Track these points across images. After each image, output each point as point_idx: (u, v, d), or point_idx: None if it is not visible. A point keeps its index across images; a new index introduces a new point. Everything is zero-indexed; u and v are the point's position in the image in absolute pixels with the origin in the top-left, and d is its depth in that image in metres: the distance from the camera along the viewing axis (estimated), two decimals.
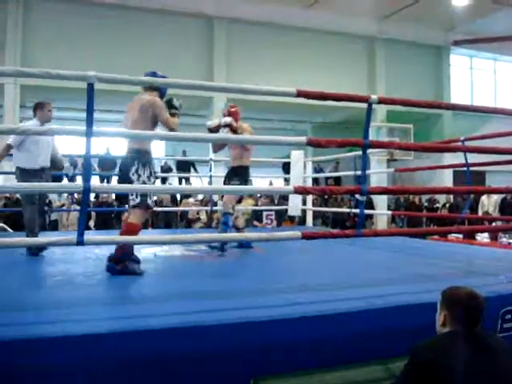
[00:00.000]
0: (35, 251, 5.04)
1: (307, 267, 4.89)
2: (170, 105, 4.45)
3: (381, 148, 6.96)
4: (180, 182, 15.11)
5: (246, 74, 15.36)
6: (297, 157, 8.77)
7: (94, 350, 2.37)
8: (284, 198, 10.90)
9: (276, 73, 15.49)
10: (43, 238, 3.12)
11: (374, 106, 3.78)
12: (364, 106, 3.74)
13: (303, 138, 3.56)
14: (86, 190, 2.87)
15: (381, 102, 3.90)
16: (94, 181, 8.26)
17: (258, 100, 13.47)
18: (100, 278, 3.98)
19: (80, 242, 2.83)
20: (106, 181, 11.52)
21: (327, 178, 16.81)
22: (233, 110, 6.10)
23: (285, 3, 15.68)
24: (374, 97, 3.75)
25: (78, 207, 10.28)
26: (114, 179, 9.55)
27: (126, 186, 3.74)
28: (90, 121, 2.92)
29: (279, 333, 2.72)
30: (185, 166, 14.90)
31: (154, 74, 4.20)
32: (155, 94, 4.41)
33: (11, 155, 5.45)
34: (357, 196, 10.21)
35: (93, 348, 2.37)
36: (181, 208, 11.05)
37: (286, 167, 12.35)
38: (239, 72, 15.68)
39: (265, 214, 10.54)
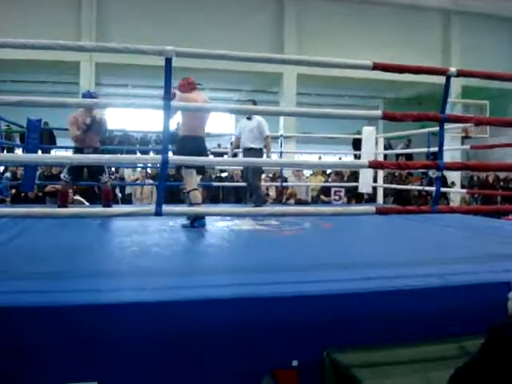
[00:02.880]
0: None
1: (379, 243, 4.84)
2: None
3: (458, 123, 6.70)
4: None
5: (317, 50, 15.14)
6: (369, 133, 8.65)
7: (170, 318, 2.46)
8: (354, 175, 10.77)
9: (347, 48, 15.21)
10: (124, 208, 3.21)
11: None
12: (438, 81, 3.63)
13: (378, 112, 3.51)
14: (164, 163, 2.94)
15: (459, 74, 3.75)
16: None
17: (329, 75, 13.33)
18: (175, 249, 4.10)
19: (158, 213, 2.91)
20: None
21: (398, 156, 16.48)
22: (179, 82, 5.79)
23: None
24: (452, 69, 3.63)
25: (151, 181, 10.57)
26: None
27: (202, 159, 3.81)
28: (167, 95, 2.98)
29: (353, 306, 2.72)
30: None
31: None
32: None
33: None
34: (430, 173, 10.03)
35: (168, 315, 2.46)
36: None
37: (356, 144, 12.20)
38: (310, 48, 15.48)
39: (333, 189, 10.44)
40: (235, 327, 2.54)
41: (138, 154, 11.34)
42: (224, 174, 11.96)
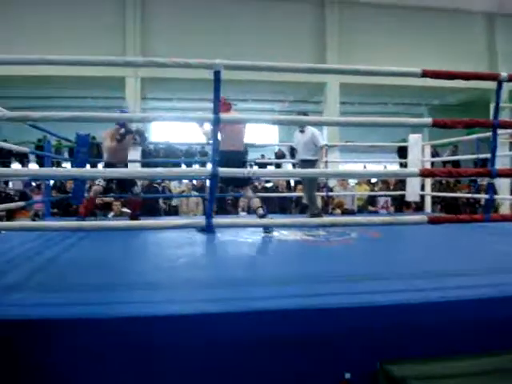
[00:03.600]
0: None
1: (430, 252, 4.74)
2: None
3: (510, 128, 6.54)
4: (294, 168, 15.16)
5: (359, 58, 15.10)
6: (415, 140, 8.54)
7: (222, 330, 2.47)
8: (401, 184, 10.62)
9: (389, 54, 15.11)
10: (174, 221, 3.25)
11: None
12: (485, 86, 3.55)
13: (428, 120, 3.45)
14: (214, 175, 2.96)
15: (511, 79, 3.68)
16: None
17: (372, 83, 13.23)
18: (225, 260, 4.12)
19: (208, 226, 2.93)
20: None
21: (444, 163, 16.19)
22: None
23: None
24: (504, 74, 3.55)
25: (196, 193, 10.66)
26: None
27: (254, 171, 3.82)
28: (216, 108, 3.01)
29: (407, 317, 2.68)
30: None
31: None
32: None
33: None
34: (479, 180, 9.80)
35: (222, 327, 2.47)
36: (295, 193, 11.09)
37: (402, 151, 12.04)
38: (351, 56, 15.45)
39: (380, 198, 10.33)
40: (286, 340, 2.53)
41: (183, 167, 11.47)
42: (269, 185, 11.98)
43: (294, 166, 14.98)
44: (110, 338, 2.38)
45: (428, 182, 9.19)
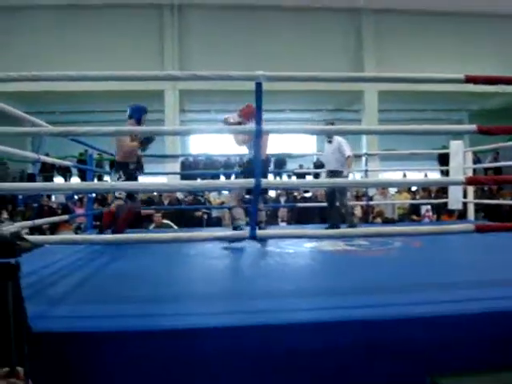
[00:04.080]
0: None
1: (476, 261, 4.64)
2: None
3: None
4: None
5: (396, 64, 15.01)
6: (456, 147, 8.38)
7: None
8: (442, 191, 10.45)
9: (425, 61, 14.95)
10: (218, 232, 3.26)
11: None
12: None
13: (472, 126, 3.37)
14: (258, 186, 2.95)
15: None
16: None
17: (410, 90, 13.10)
18: (267, 272, 4.11)
19: (253, 236, 2.92)
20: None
21: (486, 169, 15.88)
22: (243, 108, 5.73)
23: None
24: None
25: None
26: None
27: (294, 181, 3.79)
28: (259, 119, 3.01)
29: (457, 329, 2.61)
30: None
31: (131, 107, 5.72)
32: (130, 121, 5.84)
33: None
34: None
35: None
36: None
37: (443, 158, 11.85)
38: (389, 63, 15.35)
39: (422, 207, 10.19)
40: (330, 352, 2.49)
41: (222, 178, 11.54)
42: (307, 195, 11.93)
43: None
44: (157, 350, 2.39)
45: (471, 189, 9.00)
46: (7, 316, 1.70)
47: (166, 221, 9.26)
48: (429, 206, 10.40)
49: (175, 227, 9.09)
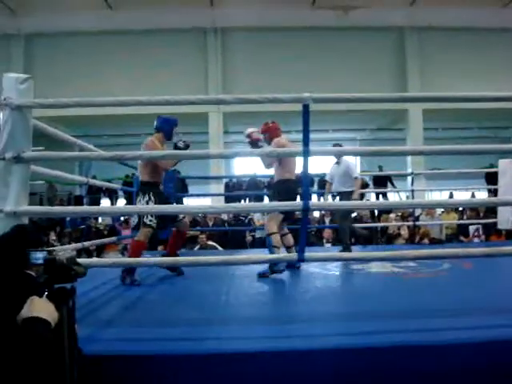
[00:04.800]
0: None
1: None
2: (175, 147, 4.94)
3: None
4: (377, 198, 14.93)
5: (440, 82, 14.82)
6: (505, 166, 8.19)
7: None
8: (491, 211, 10.20)
9: (469, 77, 14.74)
10: (266, 255, 3.26)
11: None
12: None
13: None
14: (305, 208, 2.94)
15: None
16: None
17: (456, 108, 12.89)
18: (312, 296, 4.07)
19: (301, 259, 2.91)
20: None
21: None
22: (269, 125, 5.62)
23: (476, 4, 14.92)
24: None
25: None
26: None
27: (342, 203, 3.76)
28: (306, 140, 3.01)
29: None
30: (382, 181, 14.70)
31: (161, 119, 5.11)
32: (158, 135, 5.09)
33: None
34: None
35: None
36: (381, 224, 10.89)
37: (490, 177, 11.58)
38: (432, 81, 15.20)
39: (471, 227, 9.94)
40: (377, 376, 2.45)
41: (266, 198, 11.54)
42: (352, 215, 11.82)
43: (383, 195, 14.80)
44: (199, 373, 2.39)
45: None
46: (62, 340, 1.72)
47: (210, 242, 9.29)
48: (478, 226, 10.14)
49: (220, 248, 9.12)
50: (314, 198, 10.35)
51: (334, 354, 2.46)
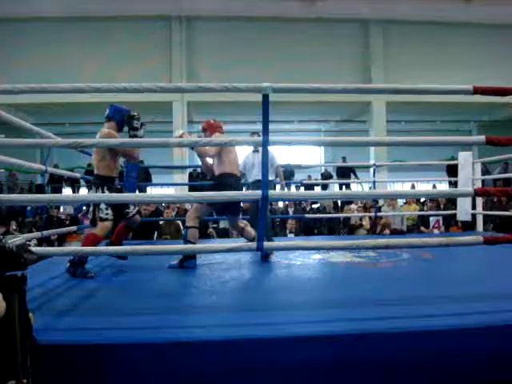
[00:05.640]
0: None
1: (489, 273, 4.61)
2: (130, 126, 4.77)
3: None
4: (340, 188, 15.08)
5: (403, 75, 15.06)
6: (465, 158, 8.34)
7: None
8: (451, 203, 10.39)
9: (434, 71, 14.99)
10: (226, 244, 3.25)
11: None
12: None
13: (481, 137, 3.35)
14: (265, 197, 2.95)
15: None
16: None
17: (419, 101, 13.09)
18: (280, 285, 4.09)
19: (260, 248, 2.92)
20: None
21: (495, 181, 15.80)
22: (210, 123, 5.44)
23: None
24: None
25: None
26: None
27: (302, 193, 3.77)
28: (265, 130, 3.00)
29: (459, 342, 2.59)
30: (345, 172, 14.85)
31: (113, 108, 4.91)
32: (111, 124, 4.83)
33: None
34: None
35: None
36: (343, 214, 10.99)
37: (451, 169, 11.78)
38: (396, 74, 15.42)
39: (432, 218, 10.11)
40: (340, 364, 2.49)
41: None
42: (315, 206, 11.91)
43: (346, 186, 14.91)
44: (159, 362, 2.38)
45: (480, 200, 8.95)
46: (13, 329, 1.69)
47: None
48: (439, 218, 10.32)
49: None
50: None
51: (294, 341, 2.49)
